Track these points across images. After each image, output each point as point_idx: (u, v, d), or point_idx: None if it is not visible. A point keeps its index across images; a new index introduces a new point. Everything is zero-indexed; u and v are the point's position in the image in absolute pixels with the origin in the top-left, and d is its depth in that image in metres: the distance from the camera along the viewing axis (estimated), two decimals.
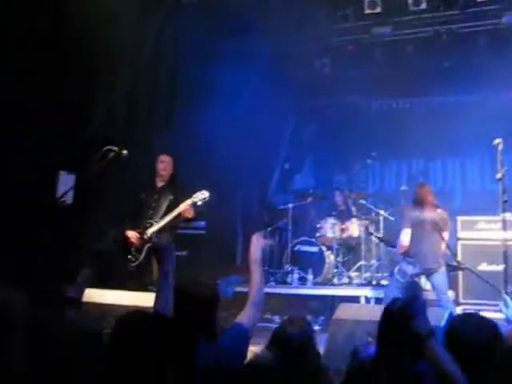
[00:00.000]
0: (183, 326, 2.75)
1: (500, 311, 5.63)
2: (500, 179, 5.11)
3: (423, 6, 8.47)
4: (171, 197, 6.02)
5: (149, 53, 8.06)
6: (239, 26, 8.48)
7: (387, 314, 2.88)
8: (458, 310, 7.08)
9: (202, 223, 8.20)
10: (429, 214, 6.37)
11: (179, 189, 6.09)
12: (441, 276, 6.35)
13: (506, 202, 5.13)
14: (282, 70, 9.19)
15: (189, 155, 8.37)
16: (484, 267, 6.82)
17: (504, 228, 5.52)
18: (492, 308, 6.32)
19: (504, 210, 5.17)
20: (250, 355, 2.79)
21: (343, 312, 4.58)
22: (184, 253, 7.64)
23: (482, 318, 2.76)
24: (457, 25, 8.65)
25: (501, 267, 5.88)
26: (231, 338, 2.91)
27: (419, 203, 6.44)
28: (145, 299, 5.13)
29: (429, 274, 6.34)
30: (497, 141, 5.29)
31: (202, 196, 5.88)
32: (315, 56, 9.24)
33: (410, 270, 6.37)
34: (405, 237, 6.33)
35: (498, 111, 8.71)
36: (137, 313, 2.41)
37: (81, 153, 6.24)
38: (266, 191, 9.70)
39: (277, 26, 8.53)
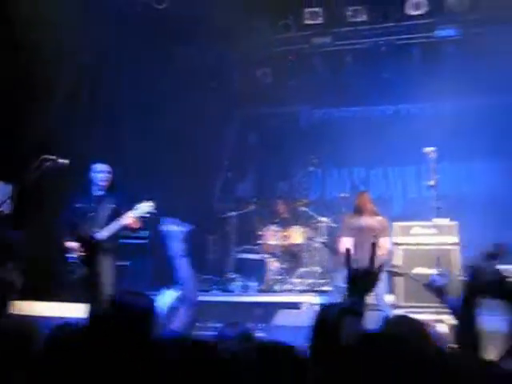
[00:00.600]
0: (117, 339, 2.71)
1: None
2: (432, 186, 5.29)
3: (362, 17, 8.73)
4: (112, 206, 5.91)
5: (89, 60, 7.94)
6: (182, 34, 8.48)
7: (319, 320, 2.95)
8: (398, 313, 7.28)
9: (145, 232, 8.10)
10: (368, 221, 6.54)
11: (120, 198, 5.99)
12: (379, 281, 6.50)
13: (439, 208, 5.31)
14: (225, 78, 9.25)
15: (129, 165, 8.31)
16: (420, 270, 6.98)
17: (437, 233, 5.70)
18: (430, 310, 6.48)
19: (437, 216, 5.34)
20: None
21: (282, 318, 4.63)
22: (127, 263, 7.53)
23: (413, 319, 2.86)
24: (393, 37, 8.94)
25: (435, 270, 6.05)
26: None
27: (359, 211, 6.60)
28: (76, 310, 5.01)
29: None
30: (429, 149, 5.47)
31: (147, 207, 5.80)
32: (257, 65, 9.35)
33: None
34: (342, 245, 6.48)
35: (433, 120, 9.03)
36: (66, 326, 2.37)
37: (18, 162, 6.08)
38: (208, 200, 9.70)
39: (219, 35, 8.58)
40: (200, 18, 8.30)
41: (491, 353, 2.99)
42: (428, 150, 5.45)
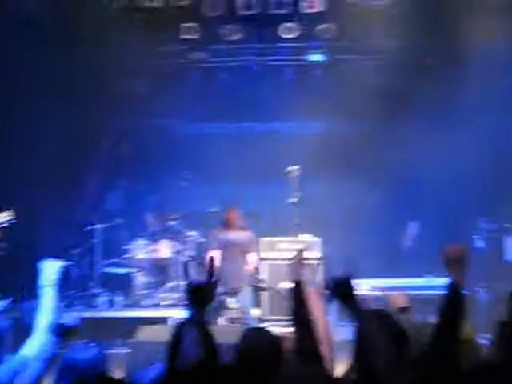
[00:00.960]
0: None
1: None
2: (294, 203, 5.49)
3: (237, 36, 8.94)
4: None
5: None
6: (55, 41, 8.17)
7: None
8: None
9: (2, 244, 7.60)
10: (236, 236, 6.65)
11: None
12: (246, 295, 6.62)
13: (297, 225, 5.52)
14: (99, 85, 9.00)
15: None
16: (284, 285, 7.18)
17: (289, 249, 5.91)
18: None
19: (299, 233, 5.55)
20: None
21: (143, 334, 4.55)
22: None
23: (267, 332, 2.94)
24: (268, 57, 9.25)
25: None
26: None
27: (227, 225, 6.70)
28: None
29: (233, 293, 6.57)
30: (292, 168, 5.69)
31: (5, 217, 5.49)
32: (133, 76, 9.20)
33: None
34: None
35: (301, 140, 9.42)
36: None
37: None
38: (74, 211, 9.31)
39: (95, 43, 8.35)
40: (73, 24, 8.07)
41: (342, 363, 3.14)
42: (292, 168, 5.66)
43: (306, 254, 6.57)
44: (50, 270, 3.22)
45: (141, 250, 8.19)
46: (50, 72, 8.34)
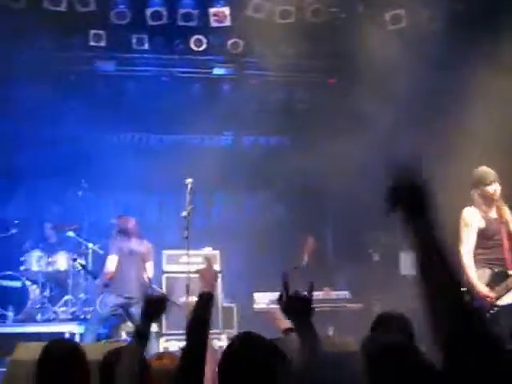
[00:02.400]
0: None
1: None
2: (185, 217, 5.48)
3: (146, 46, 8.84)
4: None
5: None
6: None
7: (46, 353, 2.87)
8: (162, 342, 7.33)
9: None
10: (136, 245, 6.57)
11: None
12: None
13: (186, 238, 5.51)
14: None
15: None
16: (185, 299, 7.12)
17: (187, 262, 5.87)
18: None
19: (187, 247, 5.54)
20: None
21: (22, 352, 4.35)
22: None
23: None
24: (176, 68, 9.21)
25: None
26: None
27: (127, 234, 6.59)
28: None
29: (130, 304, 6.45)
30: (188, 181, 5.68)
31: None
32: (35, 82, 8.88)
33: (112, 299, 6.43)
34: (110, 263, 6.45)
35: (207, 152, 9.44)
36: None
37: None
38: None
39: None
40: None
41: None
42: (187, 180, 5.66)
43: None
44: None
45: (36, 262, 7.88)
46: None
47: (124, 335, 7.52)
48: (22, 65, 8.42)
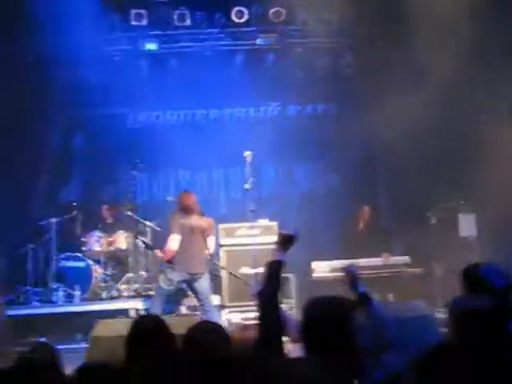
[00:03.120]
0: None
1: None
2: (248, 189, 5.47)
3: (187, 22, 8.83)
4: None
5: None
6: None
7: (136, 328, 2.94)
8: (224, 314, 7.45)
9: None
10: (196, 221, 6.56)
11: None
12: (205, 281, 6.60)
13: (253, 211, 5.51)
14: (48, 76, 8.78)
15: None
16: (245, 270, 7.20)
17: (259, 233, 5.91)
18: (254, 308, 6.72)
19: (254, 219, 5.55)
20: None
21: (102, 328, 4.49)
22: None
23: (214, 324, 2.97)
24: (218, 42, 9.17)
25: (259, 269, 6.27)
26: None
27: (187, 211, 6.57)
28: None
29: (194, 279, 6.53)
30: (246, 153, 5.66)
31: None
32: (82, 64, 8.99)
33: (176, 276, 6.49)
34: (173, 242, 6.44)
35: (256, 124, 9.43)
36: None
37: None
38: (28, 205, 9.10)
39: (40, 31, 8.13)
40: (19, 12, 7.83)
41: None
42: (246, 153, 5.63)
43: (264, 239, 6.67)
44: None
45: (97, 243, 8.07)
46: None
47: (184, 310, 7.67)
48: (67, 48, 8.48)
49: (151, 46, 9.16)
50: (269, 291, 2.93)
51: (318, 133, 9.28)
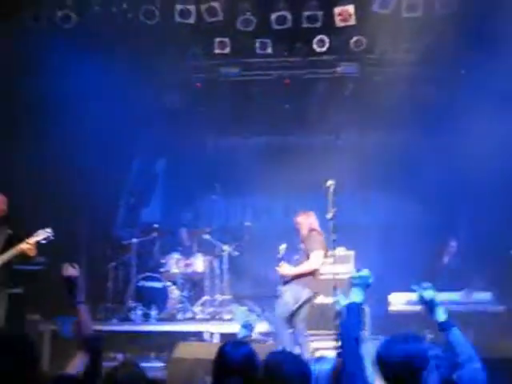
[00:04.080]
0: None
1: None
2: (331, 219, 5.46)
3: (269, 50, 8.97)
4: (8, 232, 5.80)
5: None
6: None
7: (221, 353, 2.97)
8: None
9: (41, 259, 7.76)
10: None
11: (15, 225, 5.84)
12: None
13: (334, 240, 5.48)
14: (130, 102, 9.13)
15: (28, 189, 8.01)
16: (319, 300, 7.12)
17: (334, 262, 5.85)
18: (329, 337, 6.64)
19: (334, 248, 5.52)
20: None
21: (182, 350, 4.58)
22: (19, 290, 7.17)
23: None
24: (299, 71, 9.26)
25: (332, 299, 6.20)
26: None
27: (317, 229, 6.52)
28: None
29: (310, 300, 6.44)
30: (329, 182, 5.65)
31: (45, 234, 5.74)
32: (164, 90, 9.32)
33: (305, 294, 6.32)
34: (318, 259, 6.32)
35: (333, 153, 9.42)
36: None
37: None
38: (110, 225, 9.46)
39: (128, 55, 8.51)
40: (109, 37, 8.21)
41: None
42: (328, 182, 5.63)
43: (339, 268, 6.59)
44: None
45: (175, 264, 8.26)
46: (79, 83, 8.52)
47: (255, 335, 7.64)
48: (152, 75, 8.81)
49: (233, 72, 9.36)
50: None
51: (397, 162, 9.15)
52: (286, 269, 6.37)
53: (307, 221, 6.56)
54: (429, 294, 3.14)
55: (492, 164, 7.85)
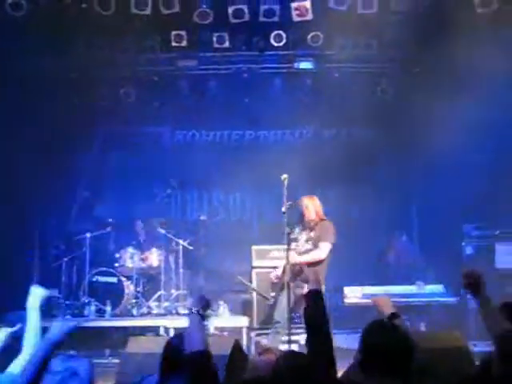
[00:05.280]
0: None
1: None
2: (284, 212, 5.46)
3: (226, 44, 8.93)
4: None
5: None
6: (42, 46, 8.15)
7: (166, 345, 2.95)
8: (253, 335, 7.40)
9: None
10: None
11: None
12: None
13: (289, 234, 5.49)
14: (88, 93, 8.99)
15: None
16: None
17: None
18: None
19: (288, 242, 5.51)
20: None
21: (133, 345, 4.51)
22: None
23: None
24: (256, 65, 9.26)
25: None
26: None
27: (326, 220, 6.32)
28: None
29: None
30: (283, 176, 5.66)
31: None
32: (120, 83, 9.20)
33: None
34: (327, 250, 5.99)
35: (291, 147, 9.47)
36: None
37: None
38: (64, 219, 9.29)
39: (82, 49, 8.36)
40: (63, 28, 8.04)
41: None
42: (283, 176, 5.63)
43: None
44: (36, 295, 3.44)
45: (130, 259, 8.16)
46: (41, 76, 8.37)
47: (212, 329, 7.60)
48: (106, 67, 8.68)
49: (190, 66, 9.30)
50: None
51: (352, 157, 9.24)
52: (295, 256, 5.93)
53: (314, 203, 6.32)
54: None
55: (446, 157, 8.02)
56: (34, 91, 8.50)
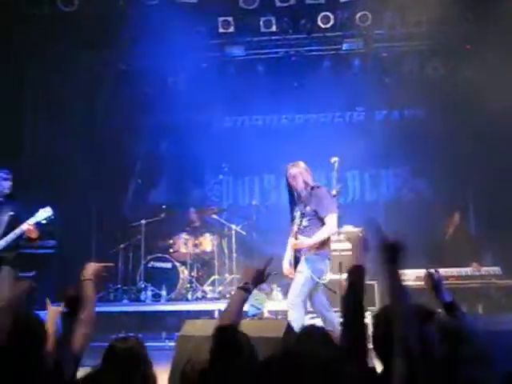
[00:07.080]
0: None
1: None
2: (335, 196, 5.41)
3: (273, 28, 8.89)
4: (11, 213, 5.68)
5: None
6: (93, 40, 8.32)
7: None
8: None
9: (52, 242, 7.84)
10: None
11: (19, 206, 5.78)
12: None
13: (340, 217, 5.43)
14: (135, 85, 9.14)
15: (38, 169, 8.10)
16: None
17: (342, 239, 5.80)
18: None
19: (341, 224, 5.48)
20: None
21: (189, 328, 4.58)
22: (31, 274, 7.24)
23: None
24: (304, 48, 9.19)
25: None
26: None
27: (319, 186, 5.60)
28: None
29: None
30: (333, 159, 5.61)
31: (45, 214, 5.59)
32: (168, 72, 9.31)
33: (327, 266, 5.39)
34: (335, 221, 5.30)
35: (341, 129, 9.37)
36: None
37: None
38: (120, 207, 9.53)
39: (130, 41, 8.50)
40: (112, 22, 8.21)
41: None
42: (333, 159, 5.58)
43: (346, 245, 6.54)
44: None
45: (184, 245, 8.31)
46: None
47: (267, 313, 7.66)
48: (156, 55, 8.78)
49: (238, 52, 9.31)
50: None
51: (405, 138, 9.08)
52: (304, 241, 5.28)
53: (300, 171, 5.44)
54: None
55: (502, 136, 7.78)
56: (86, 83, 8.72)
